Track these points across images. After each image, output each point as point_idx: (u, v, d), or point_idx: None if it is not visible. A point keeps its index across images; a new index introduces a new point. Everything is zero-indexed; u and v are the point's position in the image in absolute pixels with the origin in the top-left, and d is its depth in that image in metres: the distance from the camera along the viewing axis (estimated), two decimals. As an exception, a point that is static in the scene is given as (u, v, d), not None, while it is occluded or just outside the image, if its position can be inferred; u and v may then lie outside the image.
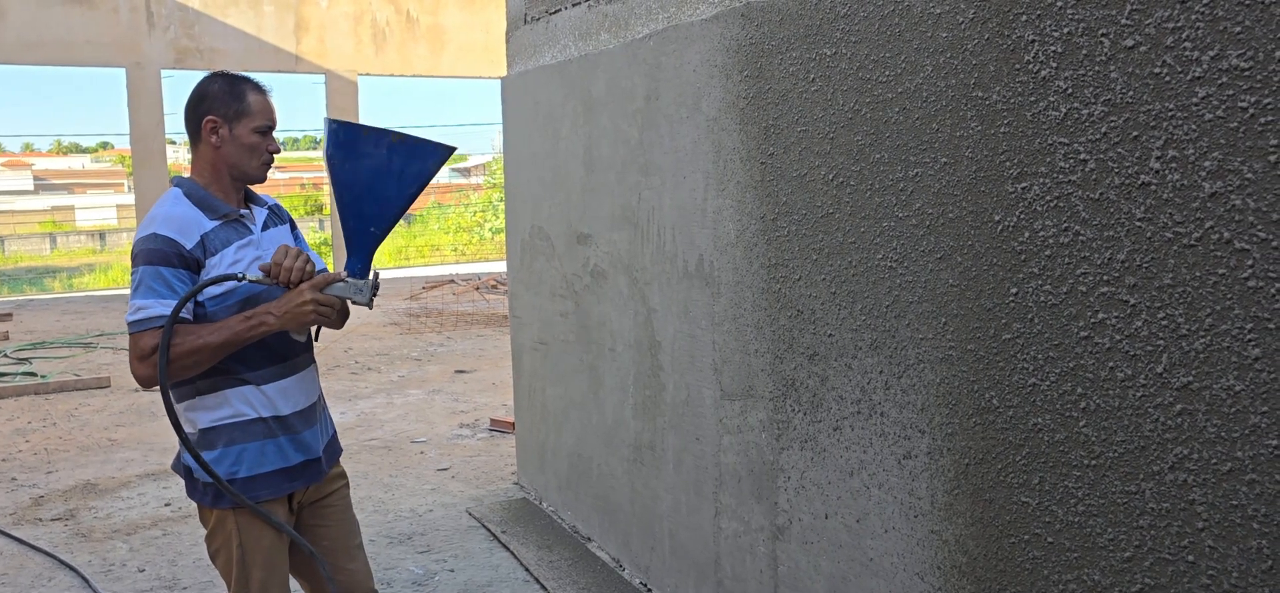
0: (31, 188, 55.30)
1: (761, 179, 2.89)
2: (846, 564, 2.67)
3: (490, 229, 26.41)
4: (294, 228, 2.75)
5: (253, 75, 2.58)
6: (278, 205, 2.72)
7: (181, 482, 5.64)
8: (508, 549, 4.50)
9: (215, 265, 2.37)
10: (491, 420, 6.97)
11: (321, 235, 28.45)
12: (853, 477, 2.62)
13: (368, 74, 16.16)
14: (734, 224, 3.05)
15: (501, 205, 4.32)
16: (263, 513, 2.44)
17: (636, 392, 3.82)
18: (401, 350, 10.04)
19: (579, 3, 4.21)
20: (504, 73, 5.27)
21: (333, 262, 15.41)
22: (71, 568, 4.37)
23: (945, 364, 2.27)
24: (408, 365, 9.17)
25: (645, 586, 3.88)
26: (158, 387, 2.29)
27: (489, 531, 4.75)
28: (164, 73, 14.74)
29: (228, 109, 2.43)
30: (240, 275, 2.32)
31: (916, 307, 2.35)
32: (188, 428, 2.44)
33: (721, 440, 3.23)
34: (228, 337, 2.33)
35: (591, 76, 4.03)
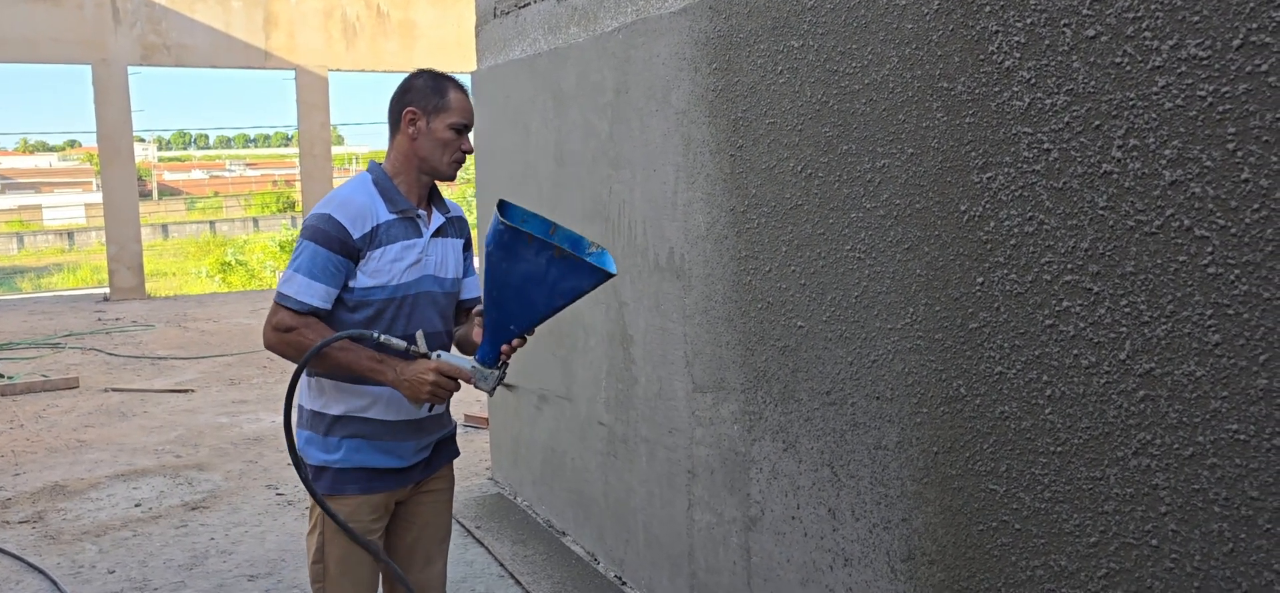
0: (-3, 187, 54.57)
1: (731, 172, 2.89)
2: (818, 553, 2.69)
3: (465, 224, 26.25)
4: (469, 246, 2.73)
5: (457, 72, 2.58)
6: (462, 218, 2.70)
7: (150, 483, 5.60)
8: (482, 545, 4.49)
9: (377, 257, 2.42)
10: (465, 416, 6.95)
11: (294, 233, 28.26)
12: (823, 467, 2.63)
13: (338, 70, 16.04)
14: (704, 217, 3.05)
15: (474, 200, 4.31)
16: (339, 519, 2.46)
17: (609, 385, 3.82)
18: (375, 347, 9.97)
19: (548, -4, 4.20)
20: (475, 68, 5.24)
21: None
22: (40, 571, 4.32)
23: (914, 354, 2.29)
24: (381, 362, 9.11)
25: (620, 579, 3.88)
26: (276, 354, 2.44)
27: (463, 526, 4.74)
28: (131, 70, 14.55)
29: (428, 102, 2.47)
30: (378, 336, 2.34)
31: (885, 298, 2.36)
32: (306, 403, 2.53)
33: (694, 433, 3.24)
34: (350, 362, 2.39)
35: (561, 70, 4.02)
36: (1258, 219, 1.58)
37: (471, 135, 2.57)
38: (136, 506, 5.23)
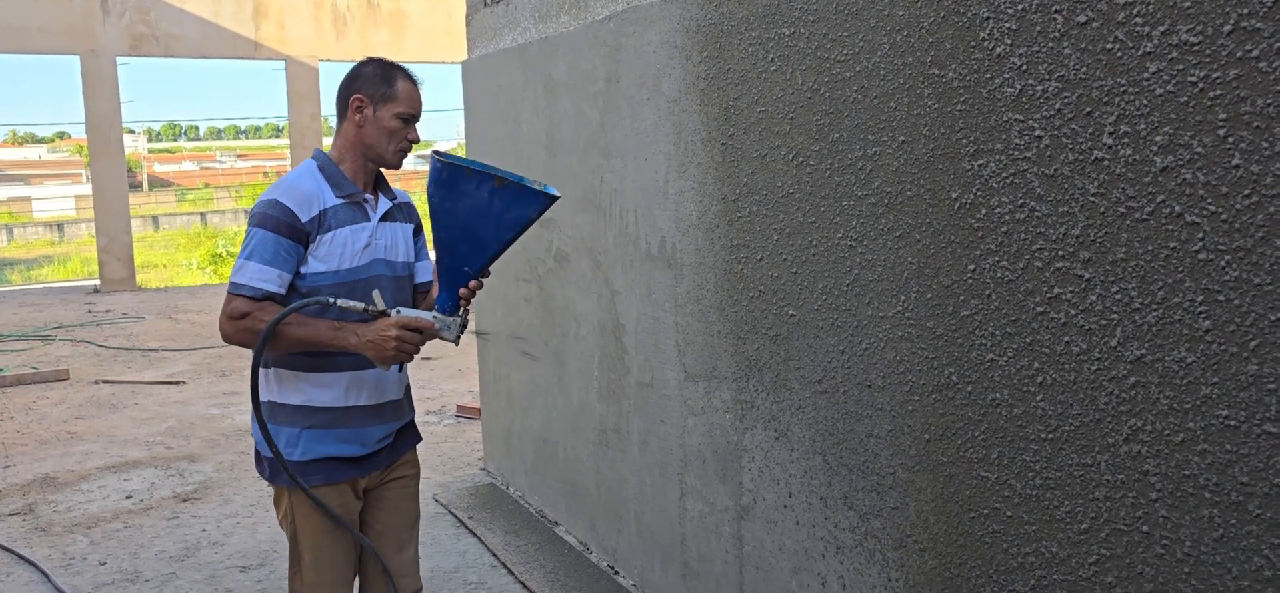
0: (-14, 179, 54.31)
1: (722, 160, 2.88)
2: (810, 542, 2.69)
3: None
4: (419, 231, 2.76)
5: (408, 65, 2.61)
6: (410, 204, 2.73)
7: (141, 475, 5.58)
8: (475, 535, 4.49)
9: (327, 241, 2.44)
10: (458, 407, 6.95)
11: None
12: (815, 456, 2.63)
13: (329, 60, 15.98)
14: (696, 205, 3.05)
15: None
16: (315, 498, 2.48)
17: (601, 375, 3.82)
18: (367, 338, 9.94)
19: (539, -15, 4.18)
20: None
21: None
22: (30, 562, 4.30)
23: (905, 342, 2.29)
24: (373, 353, 9.09)
25: (612, 568, 3.88)
26: (233, 344, 2.44)
27: (456, 517, 4.73)
28: (120, 60, 14.48)
29: (376, 91, 2.49)
30: (331, 300, 2.34)
31: (876, 285, 2.36)
32: (263, 394, 2.50)
33: (686, 422, 3.23)
34: (309, 335, 2.39)
35: (552, 59, 4.01)
36: (1248, 205, 1.58)
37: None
38: (127, 497, 5.21)
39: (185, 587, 4.06)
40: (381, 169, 2.61)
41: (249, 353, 2.40)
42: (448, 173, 2.32)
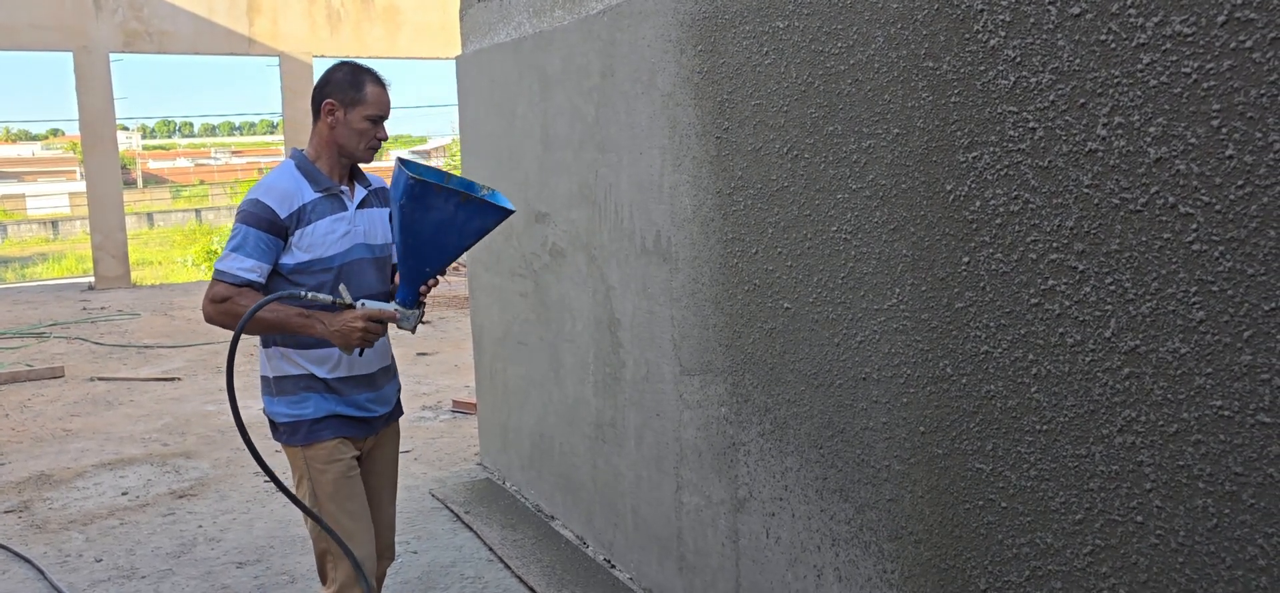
0: (-20, 177, 54.14)
1: (717, 154, 2.88)
2: (806, 535, 2.69)
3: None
4: None
5: (370, 66, 2.81)
6: (383, 188, 2.95)
7: (137, 471, 5.58)
8: (471, 530, 4.49)
9: (308, 233, 2.69)
10: (454, 402, 6.94)
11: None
12: (810, 449, 2.63)
13: (323, 56, 15.94)
14: (691, 199, 3.05)
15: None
16: (278, 481, 2.69)
17: (597, 369, 3.82)
18: (362, 334, 9.93)
19: (533, -21, 4.17)
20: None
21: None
22: (26, 560, 4.30)
23: (900, 335, 2.29)
24: (369, 349, 9.09)
25: (609, 562, 3.88)
26: (214, 325, 2.70)
27: (452, 512, 4.73)
28: (113, 57, 14.44)
29: (346, 96, 2.71)
30: (304, 293, 2.57)
31: (871, 278, 2.36)
32: (271, 371, 2.79)
33: (681, 416, 3.24)
34: (280, 320, 2.63)
35: (546, 54, 4.00)
36: (1242, 196, 1.58)
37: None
38: (123, 494, 5.20)
39: (181, 583, 4.06)
40: (353, 163, 2.82)
41: (219, 328, 2.69)
42: (420, 189, 2.49)
